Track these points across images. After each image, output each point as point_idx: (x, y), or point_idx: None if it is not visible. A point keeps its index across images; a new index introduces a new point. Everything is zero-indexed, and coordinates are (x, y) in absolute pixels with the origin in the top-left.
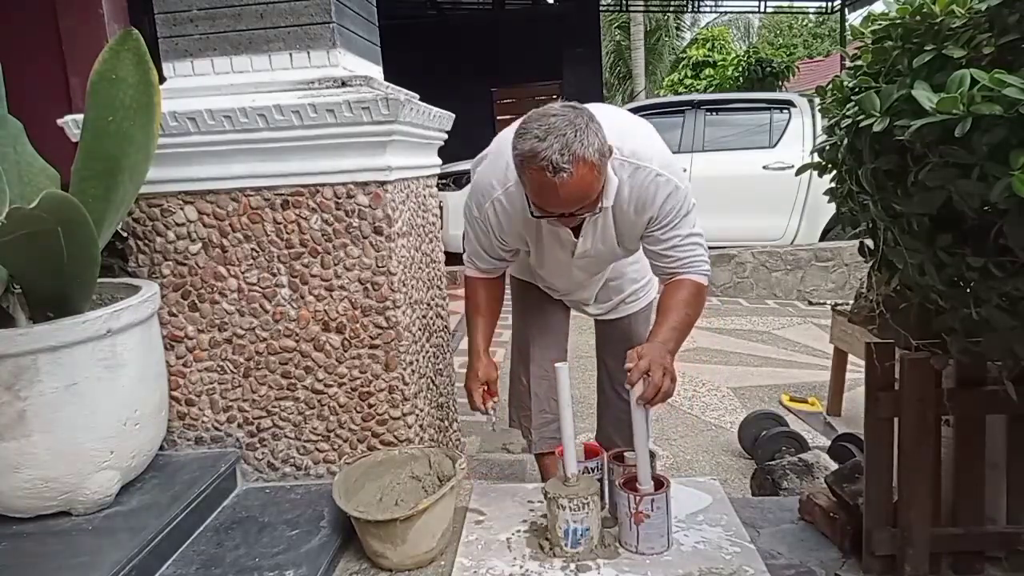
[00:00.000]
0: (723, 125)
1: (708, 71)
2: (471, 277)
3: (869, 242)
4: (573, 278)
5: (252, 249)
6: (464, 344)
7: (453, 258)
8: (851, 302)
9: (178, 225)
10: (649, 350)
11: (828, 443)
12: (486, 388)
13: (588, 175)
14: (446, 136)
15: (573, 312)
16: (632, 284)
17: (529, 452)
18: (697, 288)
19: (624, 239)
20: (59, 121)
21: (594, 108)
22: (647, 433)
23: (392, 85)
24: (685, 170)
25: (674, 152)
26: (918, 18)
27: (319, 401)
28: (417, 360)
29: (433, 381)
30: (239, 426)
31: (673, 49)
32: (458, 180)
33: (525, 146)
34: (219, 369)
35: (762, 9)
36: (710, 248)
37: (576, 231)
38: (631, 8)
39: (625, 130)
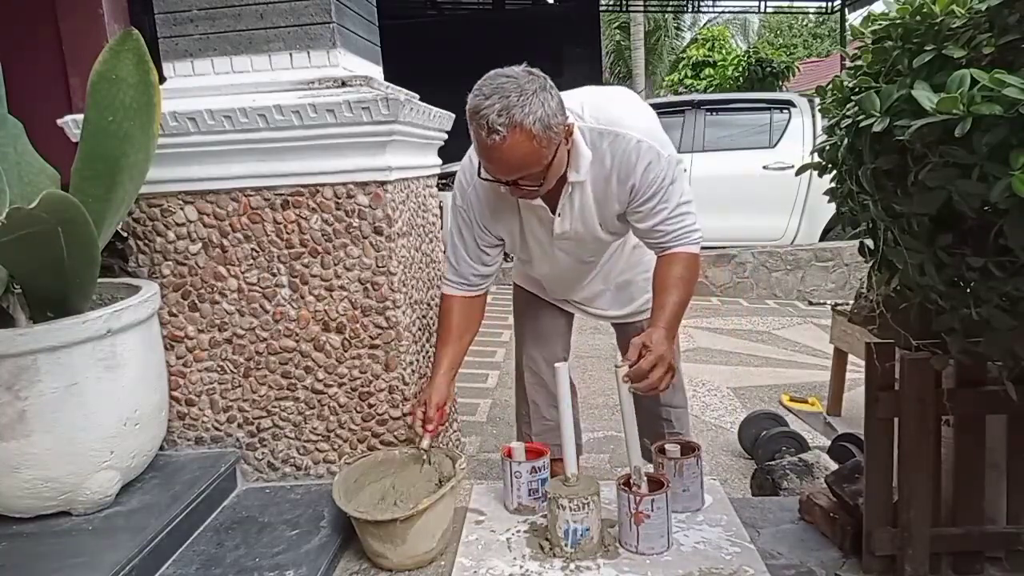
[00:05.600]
0: (723, 125)
1: (708, 71)
2: (448, 295)
3: (869, 242)
4: (559, 264)
5: (252, 249)
6: None
7: None
8: (851, 302)
9: (178, 225)
10: (658, 344)
11: (828, 443)
12: (424, 412)
13: (524, 143)
14: (446, 136)
15: (577, 317)
16: (643, 293)
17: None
18: (691, 259)
19: (606, 219)
20: (59, 121)
21: (587, 89)
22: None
23: (392, 85)
24: (686, 170)
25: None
26: (918, 18)
27: (319, 401)
28: (417, 360)
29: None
30: (239, 426)
31: (673, 49)
32: None
33: (472, 102)
34: (219, 369)
35: (762, 9)
36: (711, 248)
37: (552, 207)
38: (631, 8)
39: (609, 99)
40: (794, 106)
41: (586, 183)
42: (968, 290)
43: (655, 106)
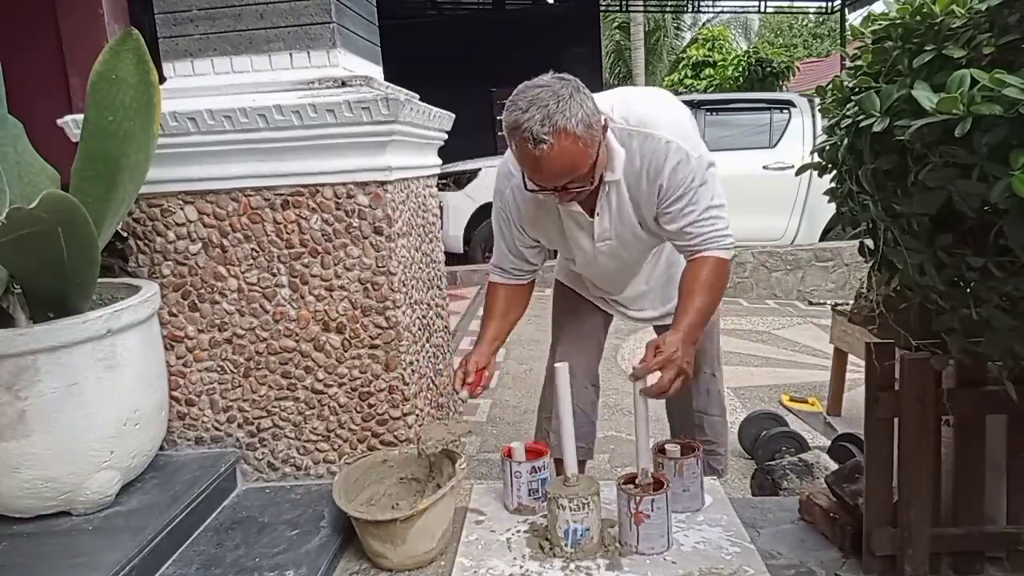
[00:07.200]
0: (723, 125)
1: (708, 71)
2: (492, 283)
3: (869, 242)
4: (603, 266)
5: (252, 249)
6: (464, 344)
7: (453, 258)
8: (851, 302)
9: (178, 225)
10: (670, 346)
11: (828, 443)
12: (471, 372)
13: (571, 147)
14: (446, 136)
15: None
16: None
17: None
18: (719, 264)
19: (645, 219)
20: (59, 121)
21: (620, 90)
22: (648, 425)
23: (392, 85)
24: (714, 165)
25: None
26: (918, 18)
27: (319, 401)
28: (417, 360)
29: (433, 381)
30: (239, 426)
31: (673, 49)
32: (458, 180)
33: (510, 118)
34: (219, 369)
35: (762, 9)
36: None
37: (591, 211)
38: (631, 8)
39: (636, 99)
40: (794, 106)
41: (621, 182)
42: (968, 290)
43: None
